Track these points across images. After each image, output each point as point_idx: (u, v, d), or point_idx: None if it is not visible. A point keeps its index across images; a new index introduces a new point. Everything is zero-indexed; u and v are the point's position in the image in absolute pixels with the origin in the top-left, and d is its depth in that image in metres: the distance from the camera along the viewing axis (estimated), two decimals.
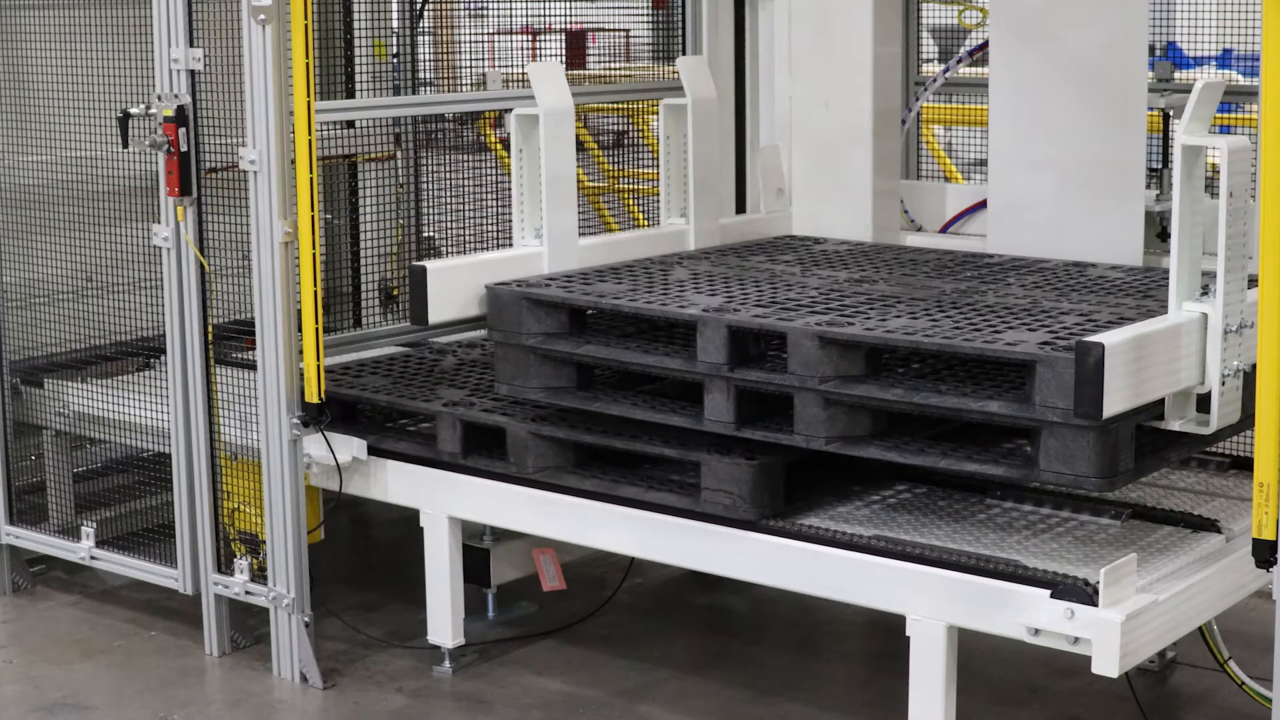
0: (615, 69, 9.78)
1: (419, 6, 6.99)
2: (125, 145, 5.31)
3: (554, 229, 5.39)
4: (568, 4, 7.43)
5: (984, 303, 4.73)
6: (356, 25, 6.67)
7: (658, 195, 5.95)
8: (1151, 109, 5.42)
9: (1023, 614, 4.08)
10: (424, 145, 7.06)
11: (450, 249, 6.74)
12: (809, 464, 4.62)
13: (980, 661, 5.22)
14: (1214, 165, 4.24)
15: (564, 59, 11.13)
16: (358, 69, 6.67)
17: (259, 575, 5.32)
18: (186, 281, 5.30)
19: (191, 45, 5.16)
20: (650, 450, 4.76)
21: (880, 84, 5.93)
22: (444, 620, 5.27)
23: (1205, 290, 4.23)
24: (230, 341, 5.40)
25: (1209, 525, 4.56)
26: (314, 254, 4.97)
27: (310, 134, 4.90)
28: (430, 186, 6.97)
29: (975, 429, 4.41)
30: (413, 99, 6.69)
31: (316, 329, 5.00)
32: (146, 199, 5.54)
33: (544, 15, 7.89)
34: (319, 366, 5.06)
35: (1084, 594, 3.99)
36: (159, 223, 5.32)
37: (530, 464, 4.94)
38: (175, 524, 5.48)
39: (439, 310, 5.13)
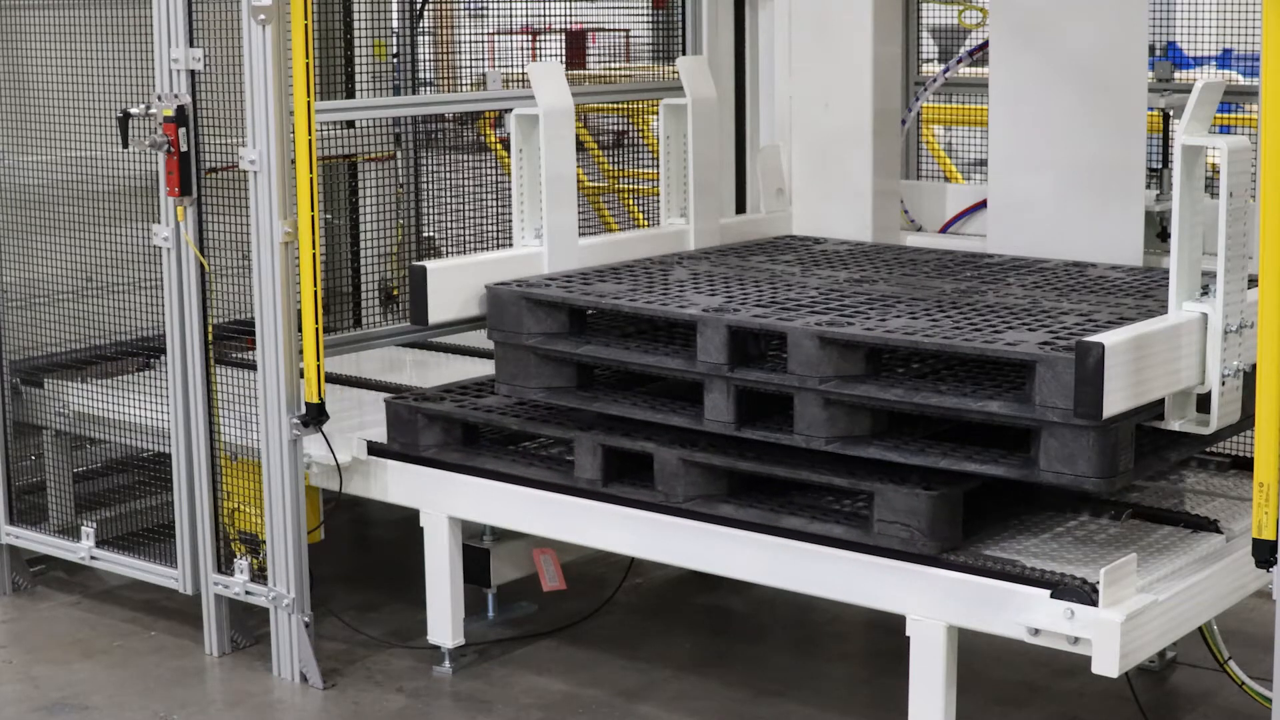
0: (615, 69, 9.78)
1: (419, 6, 6.99)
2: (125, 145, 5.31)
3: (554, 229, 5.39)
4: (568, 4, 7.43)
5: (984, 303, 4.73)
6: (356, 25, 6.68)
7: (658, 195, 5.95)
8: (1151, 109, 5.41)
9: (1023, 614, 4.08)
10: (424, 145, 7.06)
11: (450, 249, 6.74)
12: (981, 491, 4.42)
13: (980, 661, 5.22)
14: (1214, 165, 4.24)
15: (564, 59, 11.12)
16: (358, 69, 6.68)
17: (259, 575, 5.32)
18: (186, 281, 5.30)
19: (191, 45, 5.16)
20: (816, 479, 4.47)
21: (880, 84, 5.93)
22: (444, 620, 5.27)
23: (1205, 290, 4.23)
24: (230, 341, 5.40)
25: (1209, 525, 4.56)
26: (314, 254, 4.97)
27: (310, 134, 4.90)
28: (430, 186, 6.97)
29: (976, 429, 4.40)
30: (413, 99, 6.69)
31: (316, 329, 5.00)
32: (146, 199, 5.54)
33: (544, 15, 7.89)
34: (319, 366, 5.05)
35: (1084, 594, 3.99)
36: (159, 223, 5.32)
37: (681, 492, 4.65)
38: (175, 524, 5.48)
39: (439, 310, 5.13)
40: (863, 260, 5.52)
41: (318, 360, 5.05)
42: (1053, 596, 4.03)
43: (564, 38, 11.26)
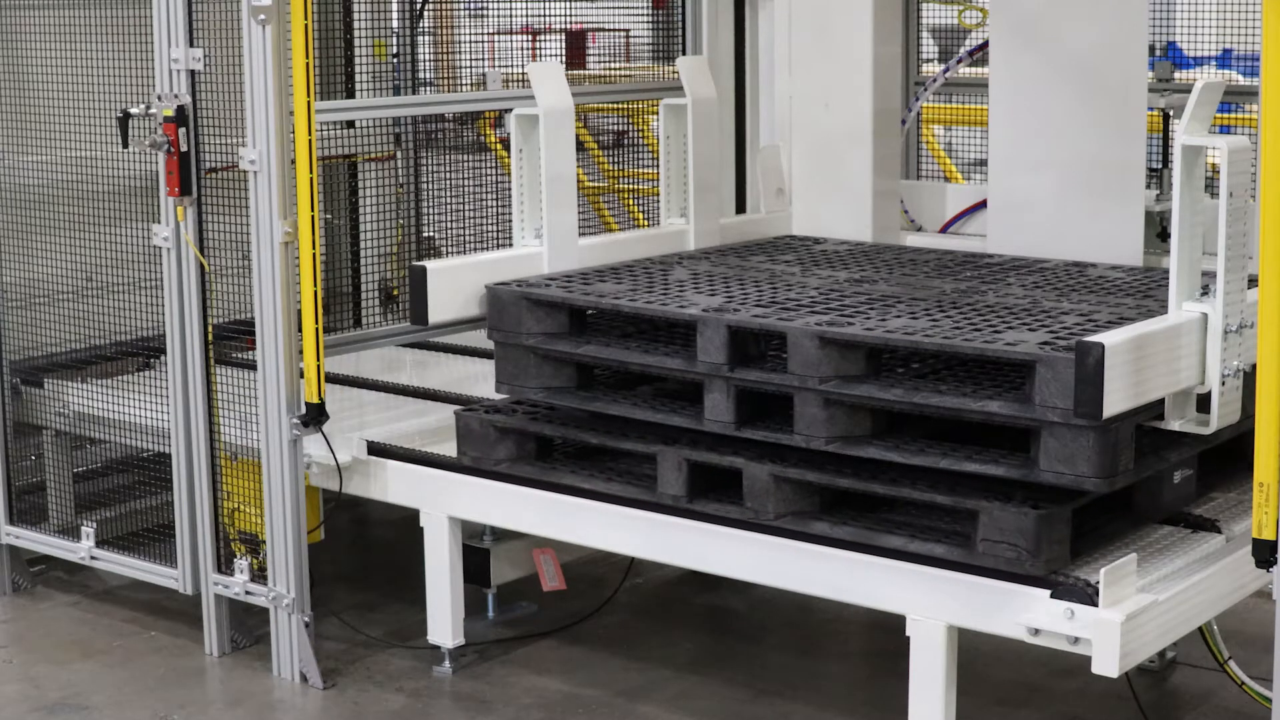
0: (615, 69, 9.79)
1: (419, 6, 6.99)
2: (125, 145, 5.31)
3: (554, 229, 5.39)
4: (568, 4, 7.44)
5: (984, 303, 4.73)
6: (356, 25, 6.68)
7: (658, 195, 5.95)
8: (1151, 109, 5.41)
9: (1023, 614, 4.07)
10: (424, 145, 7.06)
11: (450, 249, 6.74)
12: (1092, 507, 4.31)
13: (980, 661, 5.22)
14: (1214, 165, 4.24)
15: (564, 59, 11.13)
16: (358, 69, 6.68)
17: (259, 575, 5.32)
18: (186, 281, 5.30)
19: (191, 45, 5.16)
20: (917, 496, 4.30)
21: (880, 84, 5.92)
22: (444, 620, 5.27)
23: (1205, 290, 4.22)
24: (230, 341, 5.40)
25: (1209, 525, 4.56)
26: (314, 254, 4.97)
27: (310, 134, 4.90)
28: (430, 186, 6.97)
29: (976, 429, 4.40)
30: (413, 99, 6.69)
31: (316, 329, 5.00)
32: (146, 199, 5.54)
33: (544, 15, 7.89)
34: (319, 366, 5.05)
35: (1084, 594, 3.99)
36: (159, 223, 5.32)
37: (772, 509, 4.48)
38: (175, 524, 5.48)
39: (439, 310, 5.13)
40: (863, 260, 5.52)
41: (318, 360, 5.05)
42: (1053, 596, 4.03)
43: (564, 38, 11.27)
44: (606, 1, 8.19)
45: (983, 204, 5.95)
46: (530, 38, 10.09)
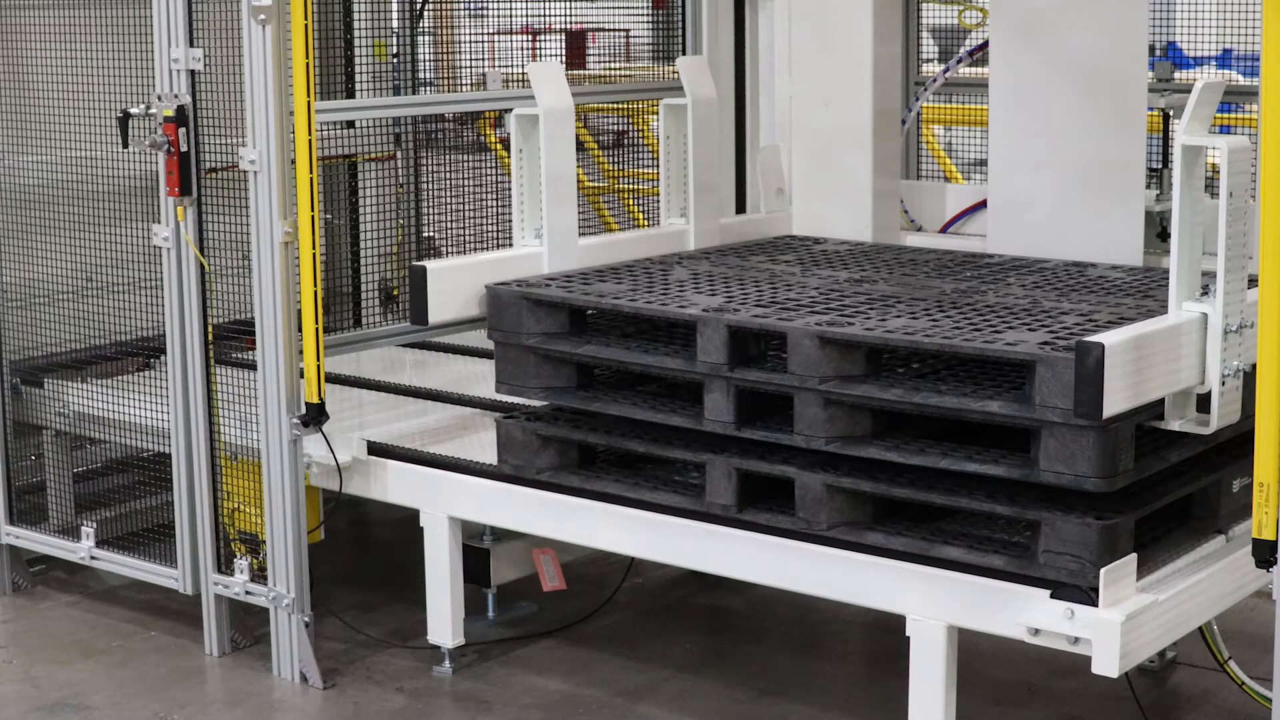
0: (615, 69, 9.79)
1: (419, 6, 6.99)
2: (125, 145, 5.31)
3: (554, 229, 5.39)
4: (568, 4, 7.44)
5: (984, 303, 4.73)
6: (356, 25, 6.68)
7: (658, 195, 5.95)
8: (1151, 109, 5.42)
9: (1023, 614, 4.07)
10: (424, 145, 7.07)
11: (450, 249, 6.74)
12: (1150, 518, 4.26)
13: (980, 661, 5.22)
14: (1214, 165, 4.23)
15: (564, 59, 11.13)
16: (358, 69, 6.68)
17: (259, 575, 5.32)
18: (186, 281, 5.30)
19: (191, 45, 5.16)
20: (977, 507, 4.22)
21: (880, 84, 5.93)
22: (444, 620, 5.27)
23: (1205, 290, 4.22)
24: (230, 341, 5.40)
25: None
26: (314, 254, 4.97)
27: (310, 134, 4.90)
28: (430, 186, 6.98)
29: (976, 429, 4.40)
30: (413, 99, 6.70)
31: (316, 329, 5.00)
32: (146, 199, 5.54)
33: (544, 15, 7.89)
34: (319, 366, 5.05)
35: (1084, 594, 3.99)
36: (159, 223, 5.32)
37: (824, 519, 4.39)
38: (175, 524, 5.48)
39: (439, 310, 5.13)
40: (863, 260, 5.52)
41: (318, 360, 5.05)
42: (1053, 596, 4.03)
43: (564, 38, 11.28)
44: (606, 1, 8.19)
45: (983, 204, 5.95)
46: (530, 38, 10.09)
